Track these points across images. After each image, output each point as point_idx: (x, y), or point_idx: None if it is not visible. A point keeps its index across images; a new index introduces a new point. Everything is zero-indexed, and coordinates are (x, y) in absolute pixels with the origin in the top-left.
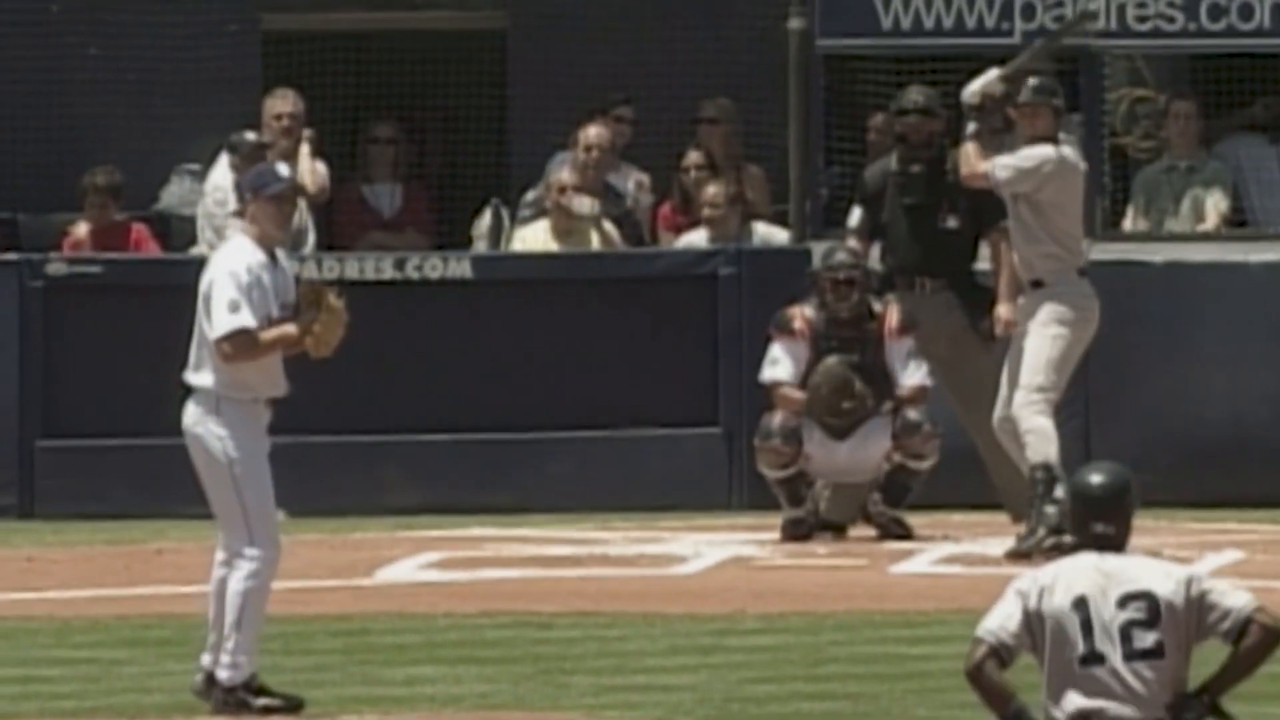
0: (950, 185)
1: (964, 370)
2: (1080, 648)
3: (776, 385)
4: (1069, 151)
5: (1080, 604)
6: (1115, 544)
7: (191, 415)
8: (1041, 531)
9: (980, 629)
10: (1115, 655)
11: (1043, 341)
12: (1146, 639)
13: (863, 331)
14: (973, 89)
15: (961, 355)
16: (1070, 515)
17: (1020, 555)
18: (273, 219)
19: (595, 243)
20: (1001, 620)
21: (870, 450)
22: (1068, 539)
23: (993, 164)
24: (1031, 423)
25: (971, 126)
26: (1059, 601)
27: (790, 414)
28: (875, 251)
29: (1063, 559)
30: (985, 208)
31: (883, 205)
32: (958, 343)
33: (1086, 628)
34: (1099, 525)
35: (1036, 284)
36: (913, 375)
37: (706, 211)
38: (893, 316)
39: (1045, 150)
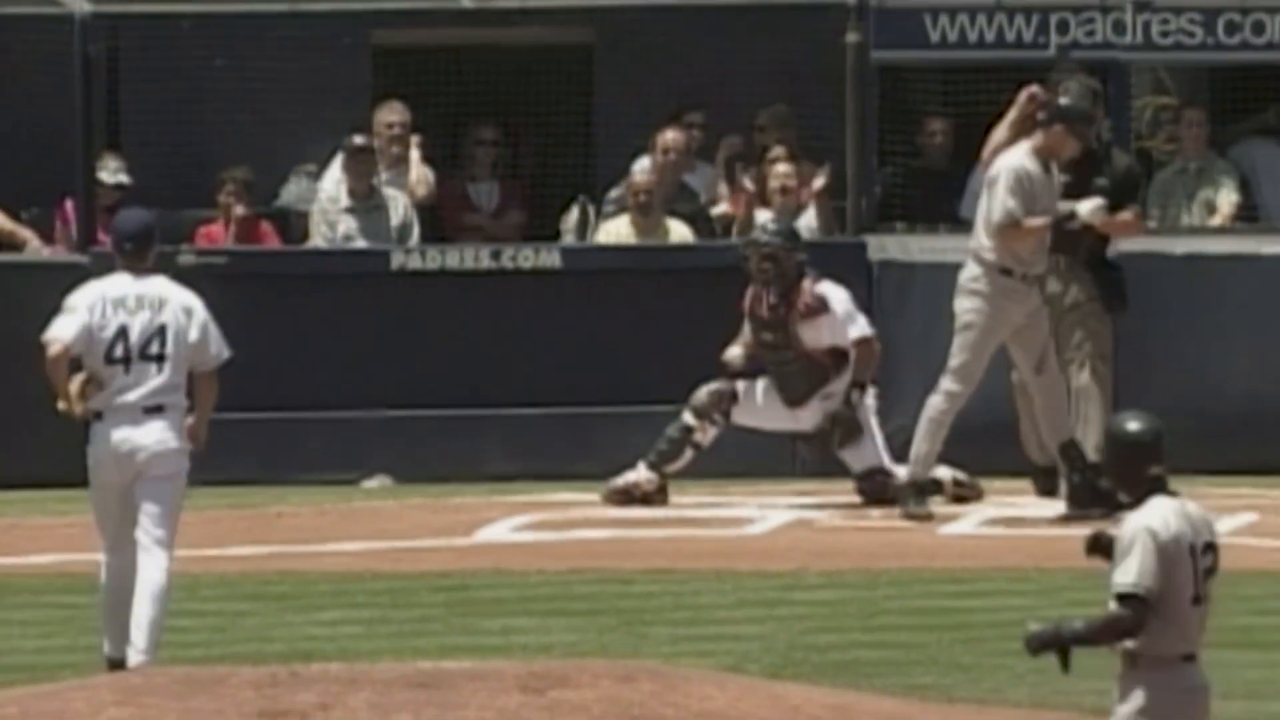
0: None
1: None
2: (1191, 589)
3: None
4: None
5: (1192, 550)
6: (1166, 486)
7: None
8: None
9: (1124, 584)
10: (1199, 598)
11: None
12: (1208, 587)
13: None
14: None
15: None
16: (1117, 463)
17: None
18: None
19: (672, 237)
20: (1140, 570)
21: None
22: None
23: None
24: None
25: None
26: (1175, 538)
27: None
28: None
29: (1153, 503)
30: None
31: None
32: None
33: (1194, 572)
34: (1155, 468)
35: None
36: (854, 330)
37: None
38: (804, 295)
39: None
